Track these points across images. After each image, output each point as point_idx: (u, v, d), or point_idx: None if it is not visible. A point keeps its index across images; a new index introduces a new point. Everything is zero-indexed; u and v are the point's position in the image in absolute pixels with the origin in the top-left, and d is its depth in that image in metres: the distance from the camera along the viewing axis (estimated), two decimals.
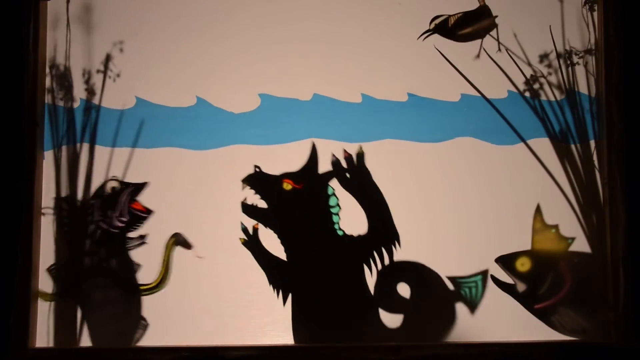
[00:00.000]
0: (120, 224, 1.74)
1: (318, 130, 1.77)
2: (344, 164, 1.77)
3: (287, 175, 1.76)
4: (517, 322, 1.72)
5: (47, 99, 1.79)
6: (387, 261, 1.74)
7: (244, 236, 1.75)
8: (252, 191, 1.76)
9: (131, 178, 1.76)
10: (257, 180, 1.76)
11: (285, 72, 1.79)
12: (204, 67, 1.80)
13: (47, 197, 1.76)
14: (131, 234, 1.74)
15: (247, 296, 1.74)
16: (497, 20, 1.80)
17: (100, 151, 1.78)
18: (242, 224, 1.75)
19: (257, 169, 1.75)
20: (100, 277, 1.73)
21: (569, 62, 1.80)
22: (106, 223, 1.74)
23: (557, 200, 1.76)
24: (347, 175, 1.76)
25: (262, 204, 1.76)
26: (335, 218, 1.75)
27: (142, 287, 1.73)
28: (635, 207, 1.71)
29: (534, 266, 1.73)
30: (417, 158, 1.77)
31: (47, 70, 1.80)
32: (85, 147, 1.78)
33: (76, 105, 1.79)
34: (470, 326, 1.72)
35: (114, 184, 1.75)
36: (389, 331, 1.72)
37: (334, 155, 1.77)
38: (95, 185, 1.76)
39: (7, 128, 1.73)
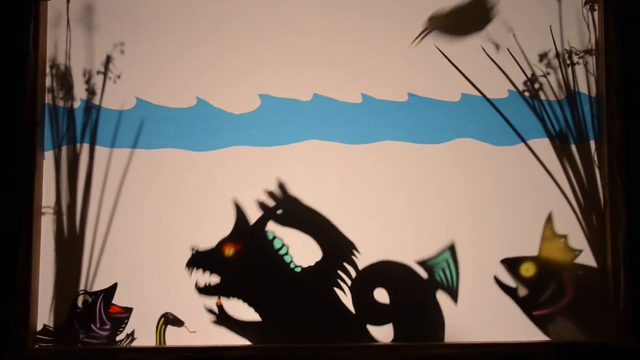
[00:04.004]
0: (105, 333, 1.72)
1: (318, 131, 1.77)
2: (271, 203, 1.74)
3: (225, 241, 1.74)
4: (514, 326, 1.72)
5: (48, 99, 1.79)
6: (353, 274, 1.73)
7: (212, 317, 1.73)
8: (200, 272, 1.73)
9: (131, 178, 1.76)
10: (199, 260, 1.74)
11: (285, 73, 1.79)
12: (204, 68, 1.79)
13: (47, 197, 1.76)
14: (119, 337, 1.73)
15: None
16: (497, 21, 1.80)
17: (100, 151, 1.78)
18: (205, 306, 1.73)
19: (194, 251, 1.73)
20: None
21: (569, 62, 1.80)
22: (91, 338, 1.72)
23: (557, 200, 1.76)
24: (279, 212, 1.74)
25: (215, 279, 1.74)
26: (287, 258, 1.73)
27: None
28: (635, 207, 1.71)
29: (538, 273, 1.74)
30: (417, 160, 1.76)
31: (48, 70, 1.80)
32: (86, 147, 1.78)
33: (77, 105, 1.79)
34: (466, 325, 1.73)
35: (85, 297, 1.73)
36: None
37: (257, 201, 1.74)
38: (93, 192, 1.77)
39: (7, 128, 1.73)
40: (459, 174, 1.76)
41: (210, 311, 1.73)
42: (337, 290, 1.72)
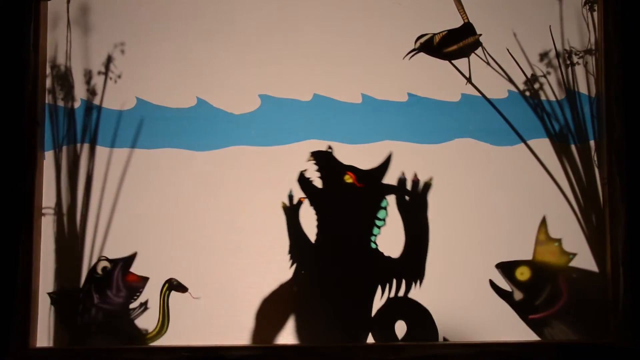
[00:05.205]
0: (119, 300, 1.74)
1: (318, 131, 1.77)
2: (409, 186, 1.76)
3: (353, 170, 1.76)
4: (510, 329, 1.72)
5: (48, 99, 1.79)
6: (401, 293, 1.73)
7: (286, 202, 1.75)
8: (315, 167, 1.76)
9: (131, 178, 1.77)
10: (324, 159, 1.76)
11: (285, 73, 1.79)
12: (204, 68, 1.80)
13: (48, 197, 1.76)
14: (132, 305, 1.74)
15: (247, 296, 1.74)
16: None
17: (101, 152, 1.78)
18: (290, 190, 1.75)
19: (330, 149, 1.75)
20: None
21: (568, 62, 1.80)
22: (106, 303, 1.74)
23: (557, 200, 1.76)
24: (407, 198, 1.76)
25: (318, 183, 1.76)
26: (375, 230, 1.74)
27: (146, 336, 1.74)
28: (635, 208, 1.71)
29: (533, 277, 1.74)
30: (417, 160, 1.77)
31: (48, 70, 1.80)
32: (86, 147, 1.78)
33: (77, 105, 1.79)
34: (465, 327, 1.73)
35: (105, 263, 1.75)
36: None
37: (403, 173, 1.76)
38: (93, 192, 1.77)
39: (7, 128, 1.73)
40: (458, 174, 1.77)
41: (290, 197, 1.75)
42: (379, 287, 1.73)
